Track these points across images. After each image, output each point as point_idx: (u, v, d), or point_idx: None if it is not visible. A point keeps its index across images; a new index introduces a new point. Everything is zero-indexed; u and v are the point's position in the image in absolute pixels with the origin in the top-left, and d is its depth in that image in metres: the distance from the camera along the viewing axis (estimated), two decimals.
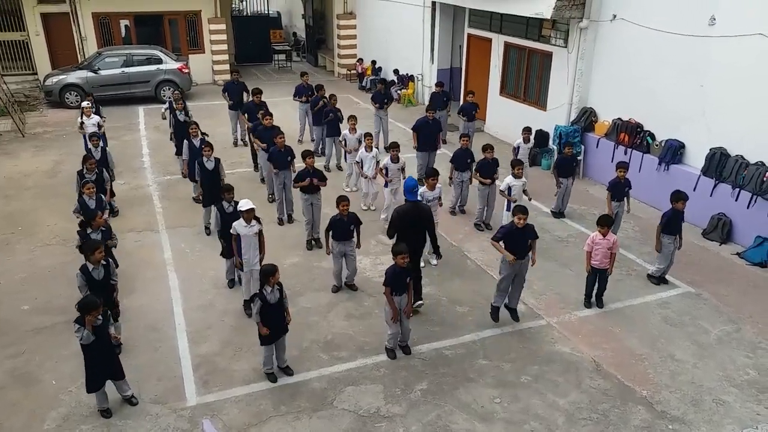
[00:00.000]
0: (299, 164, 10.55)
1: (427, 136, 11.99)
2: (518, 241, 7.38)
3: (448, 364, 7.15)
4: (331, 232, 8.20)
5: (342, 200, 8.11)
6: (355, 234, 8.35)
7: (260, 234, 7.79)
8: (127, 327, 7.50)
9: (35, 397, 6.55)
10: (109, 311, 6.41)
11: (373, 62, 21.68)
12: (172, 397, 6.55)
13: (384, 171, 10.15)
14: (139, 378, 6.65)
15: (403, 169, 10.28)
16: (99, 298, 5.94)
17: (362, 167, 10.91)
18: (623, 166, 9.69)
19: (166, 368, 7.01)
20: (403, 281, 6.91)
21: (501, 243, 7.42)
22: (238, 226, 7.64)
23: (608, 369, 7.10)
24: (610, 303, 8.41)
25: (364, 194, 11.28)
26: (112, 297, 6.90)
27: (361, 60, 22.46)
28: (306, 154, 9.46)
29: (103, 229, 7.68)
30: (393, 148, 10.13)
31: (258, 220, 7.76)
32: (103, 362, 6.08)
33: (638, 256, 9.73)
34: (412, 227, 7.55)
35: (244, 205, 7.62)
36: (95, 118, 12.35)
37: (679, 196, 8.49)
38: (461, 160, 10.66)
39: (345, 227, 8.20)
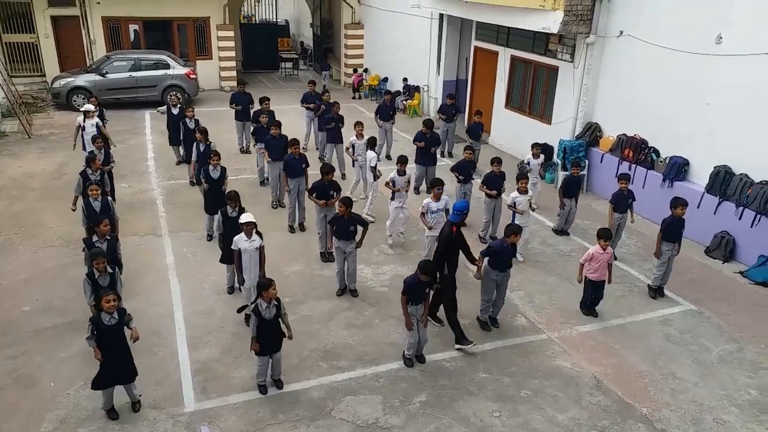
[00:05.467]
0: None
1: (425, 150, 12.25)
2: (503, 256, 7.72)
3: (447, 377, 7.13)
4: (333, 228, 8.41)
5: (341, 203, 8.30)
6: (357, 235, 8.47)
7: (261, 249, 7.66)
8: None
9: (34, 398, 6.54)
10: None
11: (365, 70, 22.37)
12: (171, 403, 6.54)
13: (391, 183, 10.19)
14: (138, 382, 6.60)
15: (409, 182, 10.36)
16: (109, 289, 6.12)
17: (353, 152, 11.84)
18: (625, 177, 9.74)
19: (165, 373, 7.00)
20: (420, 292, 6.97)
21: (485, 259, 7.73)
22: (240, 240, 7.54)
23: (608, 385, 7.07)
24: (611, 319, 8.39)
25: (354, 182, 12.07)
26: None
27: (366, 70, 22.51)
28: (326, 170, 9.33)
29: (108, 238, 7.61)
30: (401, 162, 10.20)
31: (260, 235, 7.69)
32: (114, 363, 6.08)
33: (641, 272, 9.70)
34: (452, 247, 7.68)
35: (245, 218, 7.56)
36: (95, 120, 12.34)
37: (677, 202, 8.54)
38: (465, 172, 10.74)
39: (345, 226, 8.31)
